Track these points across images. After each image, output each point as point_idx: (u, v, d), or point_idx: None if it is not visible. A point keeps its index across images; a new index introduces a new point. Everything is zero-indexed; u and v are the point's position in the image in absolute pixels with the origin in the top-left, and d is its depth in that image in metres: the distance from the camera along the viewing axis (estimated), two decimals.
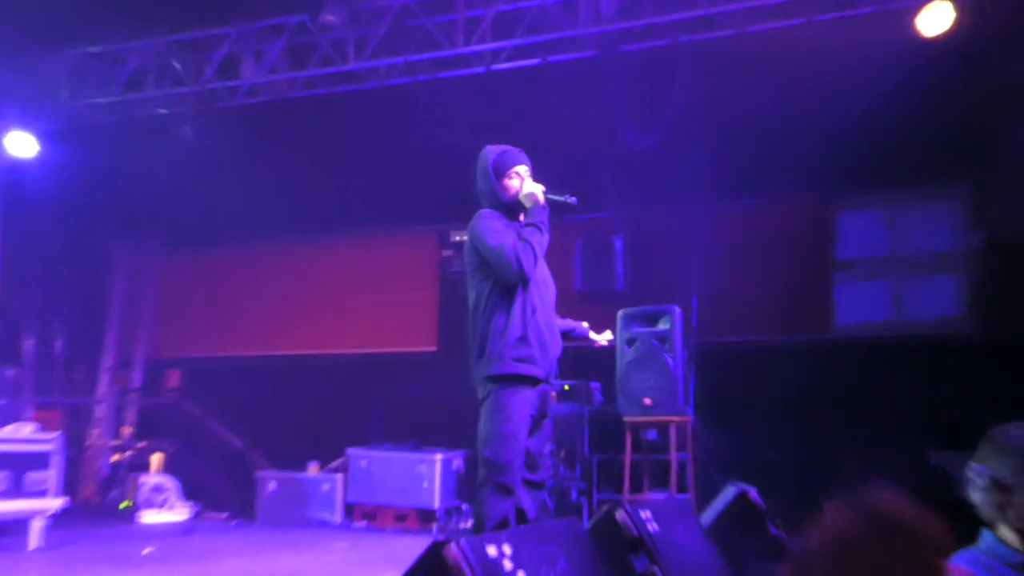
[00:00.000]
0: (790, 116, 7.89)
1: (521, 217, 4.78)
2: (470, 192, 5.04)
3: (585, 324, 5.34)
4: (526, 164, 4.87)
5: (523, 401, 4.66)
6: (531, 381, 4.68)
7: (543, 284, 4.82)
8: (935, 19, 7.05)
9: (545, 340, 4.72)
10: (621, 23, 7.92)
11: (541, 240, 4.69)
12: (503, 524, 4.52)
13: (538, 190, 4.75)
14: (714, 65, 8.08)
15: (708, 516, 4.70)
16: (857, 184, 8.85)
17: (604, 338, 5.41)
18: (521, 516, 4.65)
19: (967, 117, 7.72)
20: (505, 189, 4.82)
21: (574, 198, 4.85)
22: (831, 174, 8.44)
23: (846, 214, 9.18)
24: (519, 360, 4.67)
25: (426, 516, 9.08)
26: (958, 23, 7.02)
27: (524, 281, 4.67)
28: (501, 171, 4.83)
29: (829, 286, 9.12)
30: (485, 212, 4.82)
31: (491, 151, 4.90)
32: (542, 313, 4.75)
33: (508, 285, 4.72)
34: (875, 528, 1.36)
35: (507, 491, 4.56)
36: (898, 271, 8.89)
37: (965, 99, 7.56)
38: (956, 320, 8.56)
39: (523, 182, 4.80)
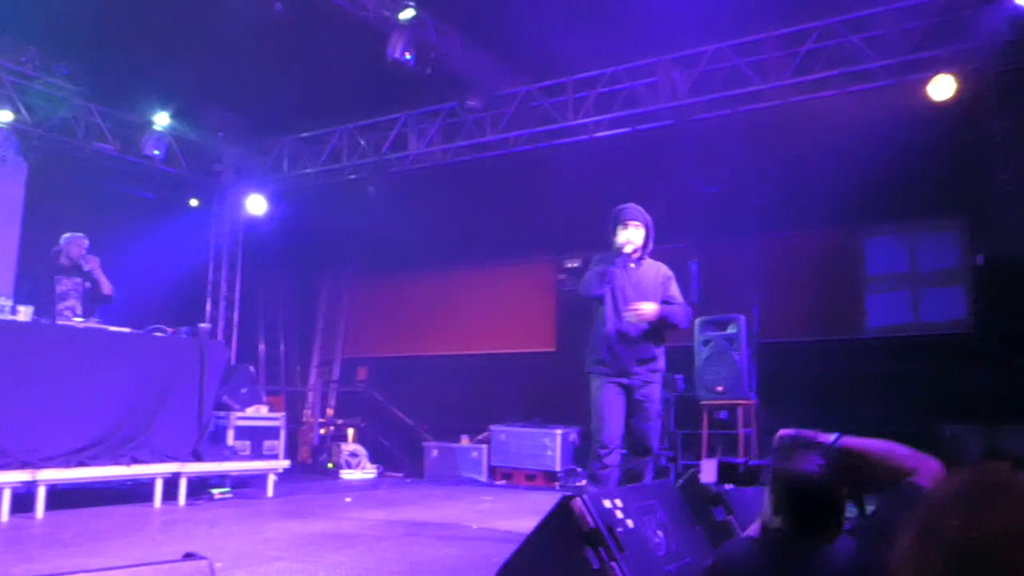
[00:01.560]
0: (827, 164, 7.72)
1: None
2: (580, 231, 5.09)
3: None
4: (631, 220, 4.86)
5: (600, 389, 4.70)
6: (604, 376, 4.72)
7: (624, 303, 4.77)
8: (941, 88, 6.86)
9: (613, 346, 4.71)
10: (692, 98, 7.90)
11: (603, 275, 4.77)
12: (596, 480, 4.55)
13: (628, 248, 4.79)
14: (765, 127, 7.98)
15: None
16: (882, 216, 8.57)
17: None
18: (631, 476, 4.68)
19: (966, 162, 7.44)
20: (615, 235, 4.88)
21: (635, 264, 4.89)
22: (861, 209, 8.21)
23: (873, 240, 8.92)
24: (593, 361, 4.75)
25: (550, 476, 9.05)
26: (959, 91, 6.82)
27: (585, 300, 4.79)
28: (616, 222, 4.89)
29: (861, 296, 8.85)
30: (594, 257, 4.93)
31: (617, 208, 4.94)
32: (613, 325, 4.74)
33: (596, 302, 4.82)
34: (995, 484, 1.32)
35: (596, 455, 4.60)
36: (916, 284, 8.60)
37: (964, 148, 7.30)
38: (962, 322, 8.20)
39: (622, 236, 4.83)
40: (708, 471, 2.70)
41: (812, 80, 7.39)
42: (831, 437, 2.07)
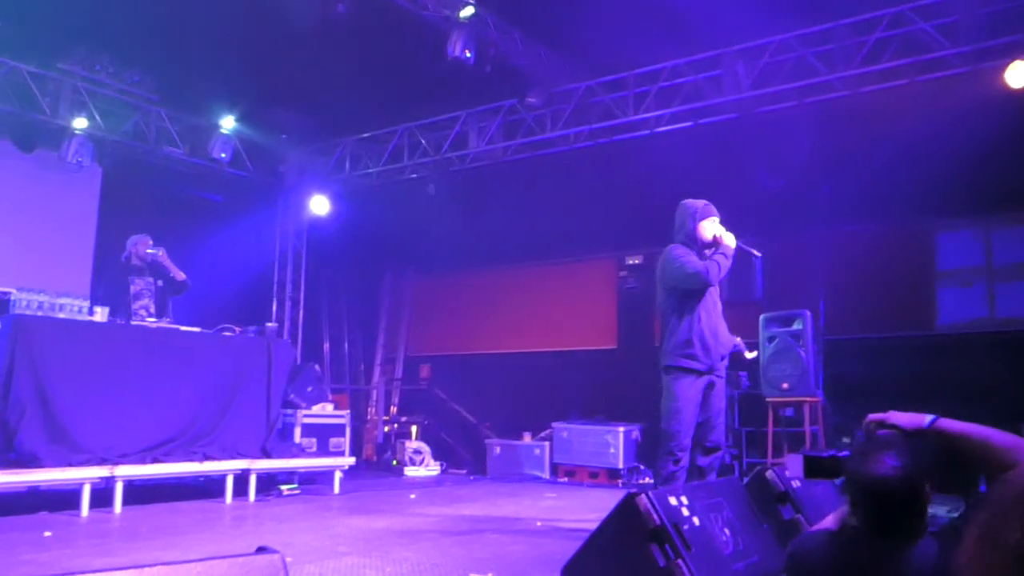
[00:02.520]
0: (897, 156, 7.54)
1: (707, 252, 4.82)
2: (641, 227, 5.06)
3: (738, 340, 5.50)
4: (718, 216, 4.91)
5: (687, 386, 4.68)
6: (695, 372, 4.70)
7: (710, 300, 4.82)
8: (1018, 74, 6.62)
9: (707, 341, 4.71)
10: (756, 91, 7.78)
11: (725, 265, 4.75)
12: (669, 480, 4.53)
13: (732, 240, 4.81)
14: (832, 119, 7.82)
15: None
16: (955, 209, 8.33)
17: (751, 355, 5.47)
18: (700, 472, 4.67)
19: None
20: (701, 230, 4.86)
21: (759, 253, 4.94)
22: (933, 202, 8.00)
23: (945, 234, 8.67)
24: (684, 356, 4.71)
25: (613, 474, 9.02)
26: None
27: (708, 287, 4.73)
28: (703, 217, 4.88)
29: (932, 292, 8.62)
30: (676, 247, 4.90)
31: (694, 203, 4.95)
32: (706, 321, 4.75)
33: (683, 297, 4.77)
34: None
35: (672, 455, 4.58)
36: (991, 278, 8.32)
37: None
38: None
39: (719, 229, 4.85)
40: (794, 466, 2.65)
41: (881, 70, 7.20)
42: (927, 419, 2.00)
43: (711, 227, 4.87)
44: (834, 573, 1.92)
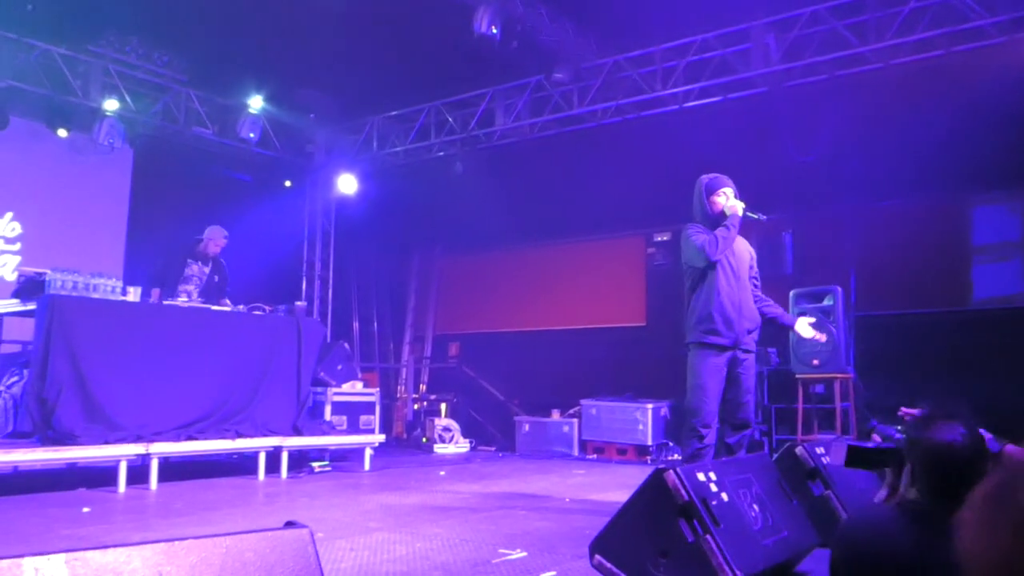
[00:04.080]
0: (930, 129, 7.39)
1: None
2: (669, 203, 5.05)
3: (792, 315, 5.26)
4: (730, 187, 4.86)
5: (710, 362, 4.63)
6: (717, 348, 4.66)
7: (731, 273, 4.76)
8: None
9: (729, 316, 4.65)
10: (787, 64, 7.67)
11: (728, 237, 4.69)
12: (694, 456, 4.51)
13: (740, 207, 4.75)
14: (864, 92, 7.69)
15: None
16: (991, 183, 8.14)
17: (806, 331, 4.98)
18: (729, 450, 4.64)
19: None
20: (712, 204, 4.82)
21: (764, 216, 4.87)
22: (968, 175, 7.82)
23: (981, 208, 8.50)
24: (706, 332, 4.67)
25: (642, 450, 9.03)
26: None
27: (711, 264, 4.67)
28: (711, 191, 4.84)
29: (967, 267, 8.47)
30: (692, 225, 4.87)
31: (705, 177, 4.91)
32: (727, 294, 4.68)
33: (702, 272, 4.74)
34: None
35: (695, 431, 4.56)
36: None
37: None
38: None
39: (728, 199, 4.80)
40: (836, 453, 2.58)
41: (915, 41, 7.06)
42: (995, 445, 1.91)
43: (722, 199, 4.82)
44: (899, 554, 1.77)
